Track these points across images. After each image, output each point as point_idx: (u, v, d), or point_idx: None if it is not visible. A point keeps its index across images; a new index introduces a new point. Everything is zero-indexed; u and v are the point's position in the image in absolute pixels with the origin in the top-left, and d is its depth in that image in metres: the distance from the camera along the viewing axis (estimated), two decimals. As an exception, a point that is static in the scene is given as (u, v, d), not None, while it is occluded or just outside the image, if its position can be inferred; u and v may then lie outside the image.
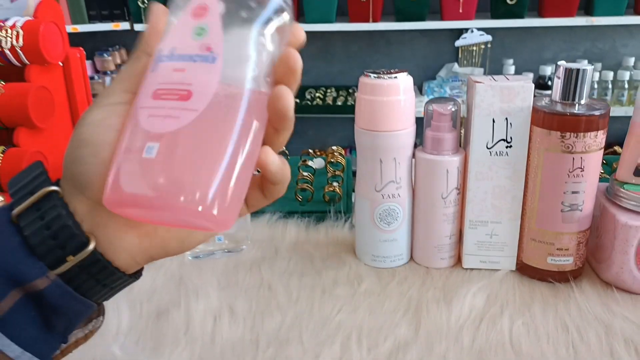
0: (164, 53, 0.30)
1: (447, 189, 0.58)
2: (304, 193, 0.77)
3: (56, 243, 0.31)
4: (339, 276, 0.60)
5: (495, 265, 0.61)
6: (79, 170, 0.31)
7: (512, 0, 1.90)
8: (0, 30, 0.80)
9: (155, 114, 0.29)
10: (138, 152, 0.28)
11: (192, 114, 0.28)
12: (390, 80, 0.56)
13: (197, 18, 0.30)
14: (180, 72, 0.29)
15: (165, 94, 0.29)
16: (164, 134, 0.28)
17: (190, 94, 0.29)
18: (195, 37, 0.30)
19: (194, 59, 0.29)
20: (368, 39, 2.30)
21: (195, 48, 0.30)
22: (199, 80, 0.29)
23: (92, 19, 2.22)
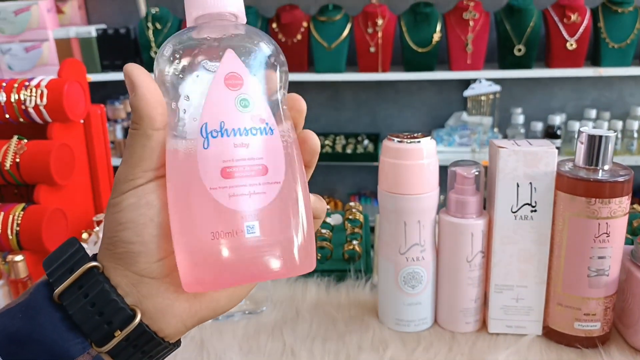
0: (211, 126, 0.30)
1: (472, 252, 0.58)
2: (322, 251, 0.77)
3: (102, 319, 0.32)
4: (363, 341, 0.59)
5: (521, 330, 0.60)
6: (123, 251, 0.32)
7: (519, 51, 1.93)
8: (26, 90, 0.81)
9: (237, 193, 0.30)
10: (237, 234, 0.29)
11: (276, 187, 0.31)
12: (414, 144, 0.56)
13: (235, 88, 0.31)
14: (244, 148, 0.30)
15: (239, 171, 0.30)
16: (258, 211, 0.30)
17: (267, 169, 0.31)
18: (241, 109, 0.31)
19: (253, 133, 0.31)
20: (377, 88, 2.33)
21: (248, 121, 0.31)
22: (267, 153, 0.31)
23: (105, 69, 2.27)
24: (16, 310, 0.33)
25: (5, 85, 0.82)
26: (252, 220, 0.29)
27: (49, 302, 0.32)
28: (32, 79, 0.83)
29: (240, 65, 0.31)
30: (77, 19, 2.36)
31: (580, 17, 1.88)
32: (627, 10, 1.88)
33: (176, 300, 0.33)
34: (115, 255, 0.32)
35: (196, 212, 0.30)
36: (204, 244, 0.29)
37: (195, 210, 0.30)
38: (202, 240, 0.29)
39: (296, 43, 2.07)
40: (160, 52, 0.32)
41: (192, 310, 0.34)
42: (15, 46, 2.22)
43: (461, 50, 1.97)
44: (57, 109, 0.81)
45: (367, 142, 2.23)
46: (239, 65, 0.31)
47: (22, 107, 0.81)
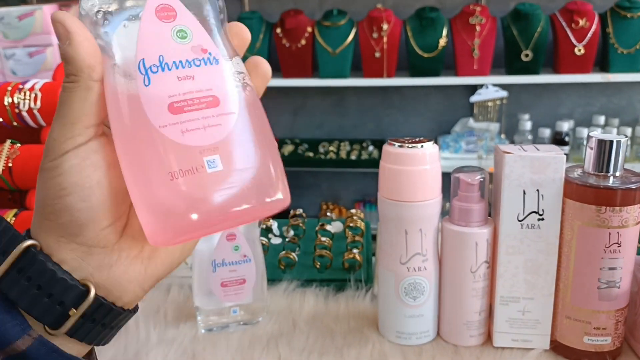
0: (150, 63, 0.28)
1: (477, 262, 0.55)
2: (322, 259, 0.75)
3: (52, 300, 0.29)
4: (361, 355, 0.56)
5: (527, 344, 0.57)
6: (68, 220, 0.29)
7: (527, 56, 1.90)
8: (19, 93, 0.79)
9: (190, 127, 0.27)
10: (197, 170, 0.27)
11: (231, 117, 0.29)
12: (416, 149, 0.54)
13: (169, 20, 0.29)
14: (189, 80, 0.28)
15: (188, 105, 0.28)
16: (216, 144, 0.28)
17: (217, 99, 0.29)
18: (180, 41, 0.29)
19: (195, 64, 0.29)
20: (382, 93, 2.31)
21: (189, 52, 0.29)
22: (216, 84, 0.29)
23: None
24: None
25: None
26: (212, 154, 0.27)
27: None
28: (26, 82, 0.81)
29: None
30: (82, 24, 2.35)
31: (589, 22, 1.86)
32: (636, 15, 1.85)
33: (130, 265, 0.31)
34: (58, 227, 0.29)
35: (149, 154, 0.27)
36: (164, 187, 0.27)
37: (148, 153, 0.27)
38: (160, 184, 0.27)
39: (300, 48, 2.06)
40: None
41: (149, 272, 0.32)
42: (19, 51, 2.21)
43: (468, 56, 1.94)
44: (51, 113, 0.79)
45: (372, 148, 2.21)
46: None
47: (16, 111, 0.79)
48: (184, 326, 0.62)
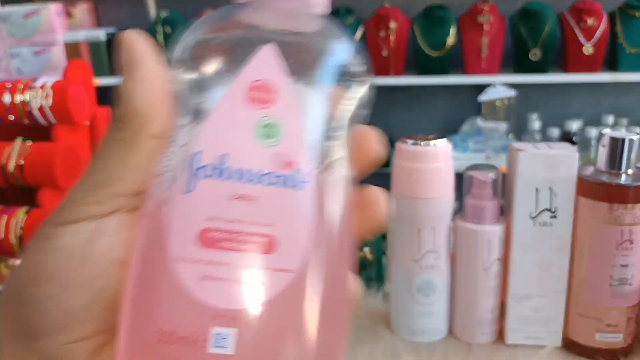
0: (207, 160, 0.19)
1: (489, 260, 0.55)
2: (332, 257, 0.75)
3: None
4: (374, 352, 0.56)
5: (539, 341, 0.57)
6: (28, 315, 0.20)
7: (535, 55, 1.90)
8: (31, 90, 0.80)
9: (214, 275, 0.18)
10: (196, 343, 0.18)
11: (284, 276, 0.19)
12: (429, 147, 0.54)
13: (260, 105, 0.20)
14: (247, 202, 0.19)
15: (226, 239, 0.19)
16: (240, 313, 0.18)
17: (275, 244, 0.19)
18: (261, 139, 0.20)
19: (269, 181, 0.19)
20: (389, 92, 2.31)
21: (266, 160, 0.19)
22: (284, 220, 0.19)
23: (115, 72, 2.27)
24: None
25: (10, 86, 0.81)
26: (227, 326, 0.18)
27: None
28: (37, 79, 0.82)
29: (277, 71, 0.20)
30: (87, 23, 2.36)
31: (597, 21, 1.85)
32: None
33: None
34: (16, 319, 0.20)
35: (147, 292, 0.19)
36: (146, 345, 0.18)
37: (147, 290, 0.19)
38: (144, 338, 0.18)
39: (308, 47, 2.06)
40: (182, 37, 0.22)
41: None
42: (24, 50, 2.22)
43: (476, 54, 1.94)
44: (62, 111, 0.79)
45: (379, 147, 2.21)
46: (275, 71, 0.20)
47: (27, 109, 0.80)
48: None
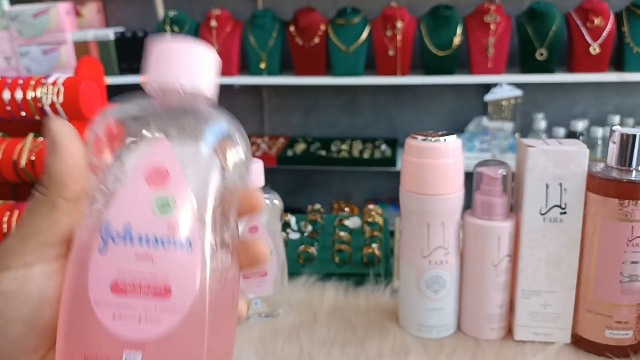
0: (115, 228, 0.25)
1: (499, 255, 0.56)
2: (341, 254, 0.75)
3: None
4: (383, 347, 0.57)
5: (548, 338, 0.58)
6: None
7: (541, 55, 1.90)
8: (42, 87, 0.81)
9: (124, 314, 0.24)
10: None
11: (176, 314, 0.24)
12: (439, 143, 0.54)
13: (156, 186, 0.25)
14: (147, 262, 0.25)
15: (133, 289, 0.25)
16: (144, 342, 0.24)
17: (169, 292, 0.25)
18: (158, 212, 0.25)
19: (163, 244, 0.25)
20: (395, 92, 2.31)
21: (162, 228, 0.25)
22: (176, 274, 0.25)
23: (123, 72, 2.27)
24: None
25: (22, 82, 0.81)
26: (135, 351, 0.24)
27: None
28: (48, 76, 0.82)
29: (170, 157, 0.26)
30: (96, 22, 2.37)
31: (604, 21, 1.84)
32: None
33: None
34: None
35: (74, 326, 0.25)
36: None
37: (74, 325, 0.25)
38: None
39: (314, 46, 2.06)
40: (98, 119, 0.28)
41: None
42: (33, 49, 2.23)
43: (482, 54, 1.94)
44: (73, 107, 0.80)
45: (384, 147, 2.21)
46: (168, 157, 0.26)
47: (39, 105, 0.80)
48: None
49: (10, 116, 0.82)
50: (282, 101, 2.44)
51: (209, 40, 2.13)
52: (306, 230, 0.83)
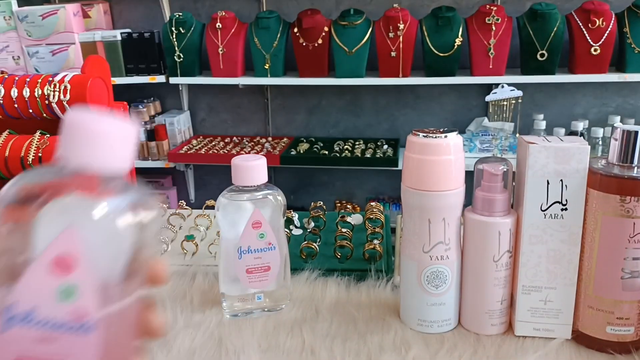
0: (18, 311, 0.25)
1: (499, 251, 0.56)
2: (342, 250, 0.76)
3: None
4: (384, 341, 0.57)
5: (549, 334, 0.58)
6: None
7: (542, 56, 1.90)
8: (49, 85, 0.81)
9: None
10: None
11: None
12: (440, 139, 0.55)
13: (61, 274, 0.26)
14: (48, 343, 0.26)
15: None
16: None
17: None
18: (61, 299, 0.26)
19: (64, 328, 0.26)
20: (397, 93, 2.32)
21: (64, 314, 0.26)
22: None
23: (130, 72, 2.29)
24: None
25: (29, 80, 0.82)
26: None
27: None
28: (56, 74, 0.83)
29: (76, 246, 0.26)
30: (103, 23, 2.38)
31: (605, 22, 1.85)
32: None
33: None
34: None
35: None
36: None
37: None
38: None
39: (317, 47, 2.07)
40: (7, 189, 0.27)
41: None
42: (42, 49, 2.25)
43: (483, 55, 1.95)
44: (80, 104, 0.81)
45: (386, 147, 2.22)
46: (74, 246, 0.26)
47: (46, 102, 0.81)
48: (209, 312, 0.63)
49: (18, 113, 0.83)
50: (286, 102, 2.45)
51: (214, 41, 2.14)
52: (309, 226, 0.83)
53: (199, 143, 2.37)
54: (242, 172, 0.60)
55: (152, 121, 2.39)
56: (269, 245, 0.61)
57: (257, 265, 0.61)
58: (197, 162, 2.35)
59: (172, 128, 2.34)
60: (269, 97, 2.45)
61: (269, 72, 2.14)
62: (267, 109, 2.46)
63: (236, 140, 2.41)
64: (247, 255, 0.61)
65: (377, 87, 2.29)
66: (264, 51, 2.12)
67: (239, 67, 2.18)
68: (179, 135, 2.38)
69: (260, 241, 0.61)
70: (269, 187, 0.61)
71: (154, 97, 2.49)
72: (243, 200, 0.60)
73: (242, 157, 0.62)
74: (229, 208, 0.61)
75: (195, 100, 2.49)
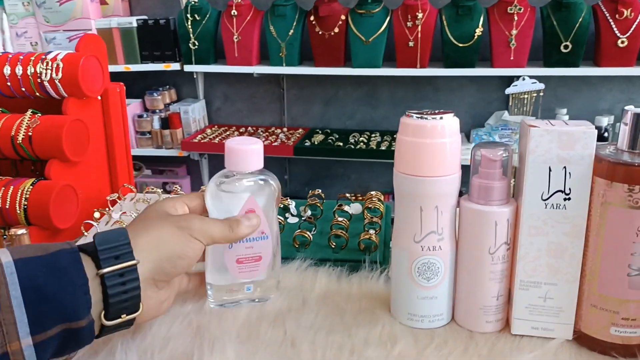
0: None
1: (496, 243, 0.52)
2: (337, 240, 0.72)
3: (123, 306, 0.45)
4: (370, 335, 0.54)
5: (548, 333, 0.54)
6: (168, 271, 0.50)
7: (566, 48, 1.83)
8: (42, 63, 0.80)
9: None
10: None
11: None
12: (435, 121, 0.51)
13: None
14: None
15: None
16: None
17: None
18: None
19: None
20: (414, 84, 2.27)
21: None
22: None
23: (145, 60, 2.28)
24: (40, 263, 0.40)
25: (22, 58, 0.80)
26: None
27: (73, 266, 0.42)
28: (49, 52, 0.81)
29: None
30: (120, 10, 2.38)
31: (634, 12, 1.77)
32: (686, 6, 1.76)
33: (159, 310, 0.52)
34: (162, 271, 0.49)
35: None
36: None
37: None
38: None
39: (333, 36, 2.03)
40: None
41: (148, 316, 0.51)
42: (59, 35, 2.26)
43: (504, 46, 1.89)
44: (73, 83, 0.79)
45: (402, 140, 2.17)
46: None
47: (38, 81, 0.79)
48: (191, 300, 0.60)
49: (11, 92, 0.81)
50: (302, 92, 2.42)
51: (229, 29, 2.12)
52: (305, 214, 0.80)
53: (213, 132, 2.35)
54: (236, 157, 0.57)
55: (167, 109, 2.39)
56: (262, 234, 0.58)
57: (248, 255, 0.58)
58: (210, 152, 2.34)
59: (187, 116, 2.33)
60: (285, 87, 2.42)
61: (284, 60, 2.11)
62: (283, 99, 2.43)
63: (251, 130, 2.39)
64: (239, 245, 0.57)
65: (394, 79, 2.25)
66: (280, 39, 2.09)
67: (254, 55, 2.15)
68: (194, 124, 2.37)
69: None
70: (264, 173, 0.58)
71: (169, 84, 2.49)
72: (235, 187, 0.57)
73: (237, 139, 0.58)
74: (220, 194, 0.57)
75: (211, 89, 2.47)
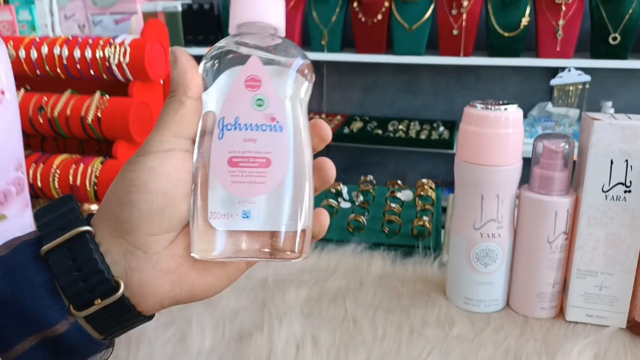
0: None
1: (555, 232, 0.54)
2: (390, 225, 0.75)
3: (85, 286, 0.32)
4: (428, 316, 0.56)
5: (602, 321, 0.55)
6: (127, 214, 0.32)
7: (615, 40, 1.80)
8: (110, 47, 0.83)
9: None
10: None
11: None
12: (499, 112, 0.53)
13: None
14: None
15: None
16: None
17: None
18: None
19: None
20: (457, 73, 2.26)
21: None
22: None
23: (188, 43, 2.32)
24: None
25: (92, 42, 0.84)
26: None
27: (32, 262, 0.32)
28: (116, 37, 0.85)
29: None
30: (166, -6, 2.42)
31: (688, 4, 1.73)
32: None
33: (159, 280, 0.33)
34: (116, 219, 0.33)
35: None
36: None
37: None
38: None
39: (376, 23, 2.04)
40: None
41: (172, 292, 0.34)
42: (105, 18, 2.31)
43: (551, 36, 1.86)
44: (139, 68, 0.82)
45: (442, 129, 2.17)
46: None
47: (106, 64, 0.83)
48: (255, 277, 0.63)
49: (80, 74, 0.85)
50: (342, 78, 2.43)
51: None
52: (357, 200, 0.83)
53: (254, 116, 2.39)
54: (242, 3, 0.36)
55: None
56: (272, 121, 0.34)
57: (246, 153, 0.34)
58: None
59: (229, 100, 2.37)
60: (325, 73, 2.43)
61: (325, 47, 2.12)
62: (322, 85, 2.45)
63: (291, 116, 2.41)
64: (232, 133, 0.34)
65: (436, 67, 2.24)
66: (322, 26, 2.10)
67: (296, 41, 2.17)
68: (235, 108, 2.41)
69: (257, 112, 0.34)
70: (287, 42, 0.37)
71: (212, 68, 2.53)
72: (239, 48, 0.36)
73: None
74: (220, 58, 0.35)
75: (253, 74, 2.50)
